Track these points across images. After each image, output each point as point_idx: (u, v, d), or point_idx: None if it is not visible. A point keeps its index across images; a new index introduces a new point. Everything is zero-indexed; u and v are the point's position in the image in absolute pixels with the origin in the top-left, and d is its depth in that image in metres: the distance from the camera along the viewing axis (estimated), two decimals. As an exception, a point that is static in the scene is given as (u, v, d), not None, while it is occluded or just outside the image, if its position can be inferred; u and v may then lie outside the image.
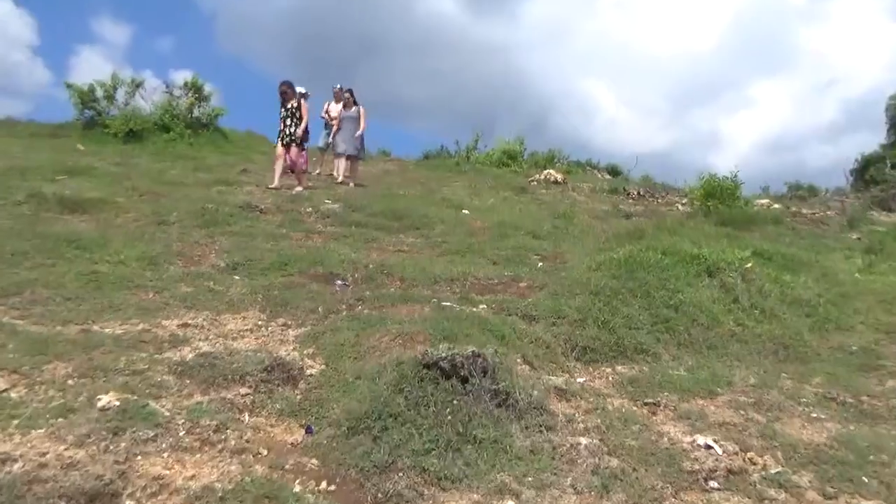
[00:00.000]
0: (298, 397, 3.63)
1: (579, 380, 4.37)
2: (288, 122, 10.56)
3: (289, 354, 4.18)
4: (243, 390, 3.56)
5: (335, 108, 12.94)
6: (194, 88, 16.93)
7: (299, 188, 10.11)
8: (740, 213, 10.24)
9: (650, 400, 4.08)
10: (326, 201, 9.23)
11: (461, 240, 7.67)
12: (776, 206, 13.58)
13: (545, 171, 17.60)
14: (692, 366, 4.76)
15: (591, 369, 4.60)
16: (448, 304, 5.30)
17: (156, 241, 6.38)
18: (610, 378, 4.45)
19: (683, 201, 15.28)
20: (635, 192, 15.97)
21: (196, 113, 16.78)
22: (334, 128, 12.74)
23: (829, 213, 15.03)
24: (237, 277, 5.75)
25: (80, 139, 15.31)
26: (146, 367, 3.69)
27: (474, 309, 5.20)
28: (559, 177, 17.29)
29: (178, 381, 3.57)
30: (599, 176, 22.39)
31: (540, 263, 6.81)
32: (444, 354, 3.50)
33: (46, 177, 9.70)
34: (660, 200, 15.07)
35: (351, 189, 11.15)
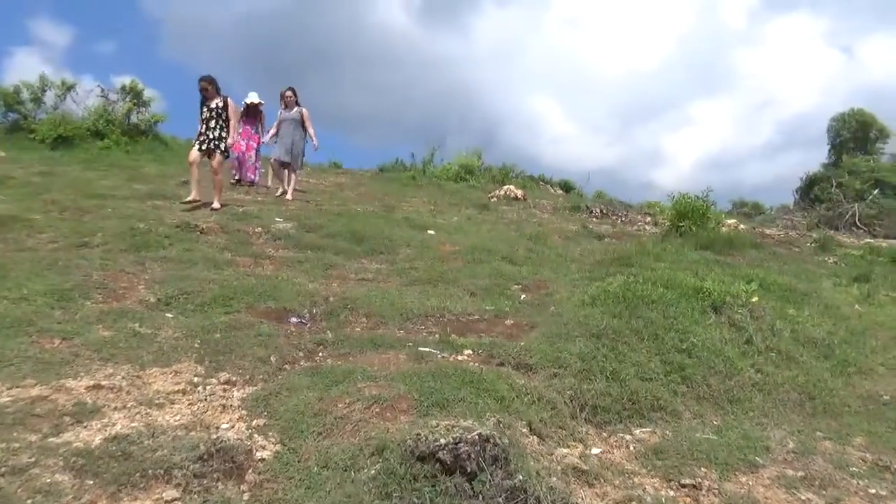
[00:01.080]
0: (245, 497, 2.67)
1: (595, 451, 3.54)
2: (212, 124, 8.85)
3: (233, 427, 3.22)
4: (169, 493, 2.58)
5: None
6: (133, 93, 15.57)
7: (216, 204, 8.47)
8: (718, 236, 9.67)
9: (688, 480, 3.27)
10: (277, 220, 8.21)
11: (431, 266, 6.78)
12: (742, 226, 13.16)
13: (505, 187, 16.92)
14: (719, 426, 4.00)
15: (605, 435, 3.77)
16: (427, 349, 4.40)
17: (71, 269, 5.27)
18: (631, 448, 3.63)
19: (647, 219, 14.84)
20: (598, 210, 15.43)
21: (134, 119, 15.43)
22: (272, 131, 11.27)
23: (792, 233, 14.76)
24: (170, 315, 4.71)
25: (1, 145, 13.82)
26: (32, 459, 2.67)
27: (459, 357, 4.33)
28: (519, 193, 16.63)
29: (77, 481, 2.57)
30: (552, 191, 22.01)
31: (522, 295, 5.98)
32: (442, 442, 2.61)
33: (-48, 188, 8.40)
34: (623, 219, 14.53)
35: (300, 205, 10.10)
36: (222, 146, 8.89)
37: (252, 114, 11.70)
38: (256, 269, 6.14)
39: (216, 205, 8.49)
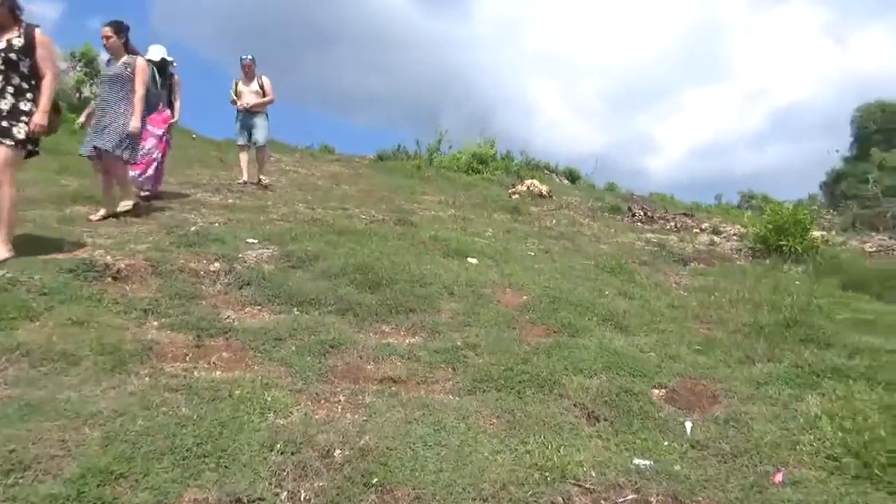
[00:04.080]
0: None
1: None
2: None
3: None
4: None
5: (244, 88, 8.87)
6: (85, 60, 12.51)
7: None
8: (857, 266, 6.90)
9: None
10: (250, 243, 5.32)
11: (497, 342, 3.93)
12: (839, 238, 10.47)
13: (527, 182, 14.06)
14: None
15: None
16: None
17: None
18: None
19: (702, 226, 12.06)
20: (641, 212, 12.66)
21: (87, 92, 12.39)
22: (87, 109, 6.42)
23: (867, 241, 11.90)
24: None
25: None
26: None
27: None
28: (544, 189, 13.80)
29: None
30: (558, 180, 19.44)
31: (687, 423, 3.16)
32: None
33: None
34: (676, 225, 11.76)
35: (286, 213, 7.16)
36: (16, 129, 4.25)
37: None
38: (197, 366, 3.23)
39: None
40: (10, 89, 4.29)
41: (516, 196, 13.05)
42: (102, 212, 5.72)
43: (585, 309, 4.60)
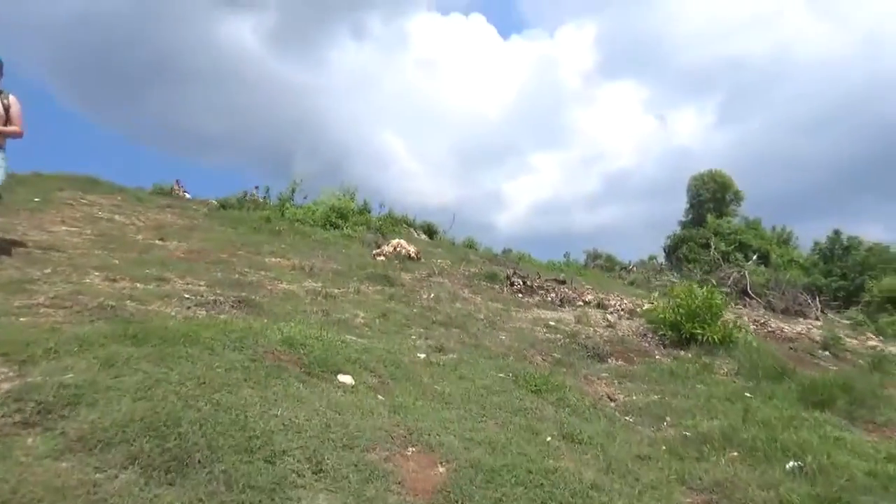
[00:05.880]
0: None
1: None
2: None
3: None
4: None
5: None
6: None
7: None
8: (787, 368, 5.80)
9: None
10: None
11: None
12: (744, 319, 9.68)
13: (394, 242, 12.30)
14: None
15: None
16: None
17: None
18: None
19: (585, 297, 10.94)
20: (519, 282, 11.33)
21: None
22: None
23: (810, 329, 11.15)
24: None
25: None
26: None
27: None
28: (412, 251, 12.13)
29: None
30: (416, 235, 18.18)
31: None
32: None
33: None
34: (555, 296, 10.51)
35: (58, 295, 4.77)
36: None
37: None
38: None
39: None
40: None
41: (382, 258, 11.25)
42: None
43: (537, 489, 2.81)
